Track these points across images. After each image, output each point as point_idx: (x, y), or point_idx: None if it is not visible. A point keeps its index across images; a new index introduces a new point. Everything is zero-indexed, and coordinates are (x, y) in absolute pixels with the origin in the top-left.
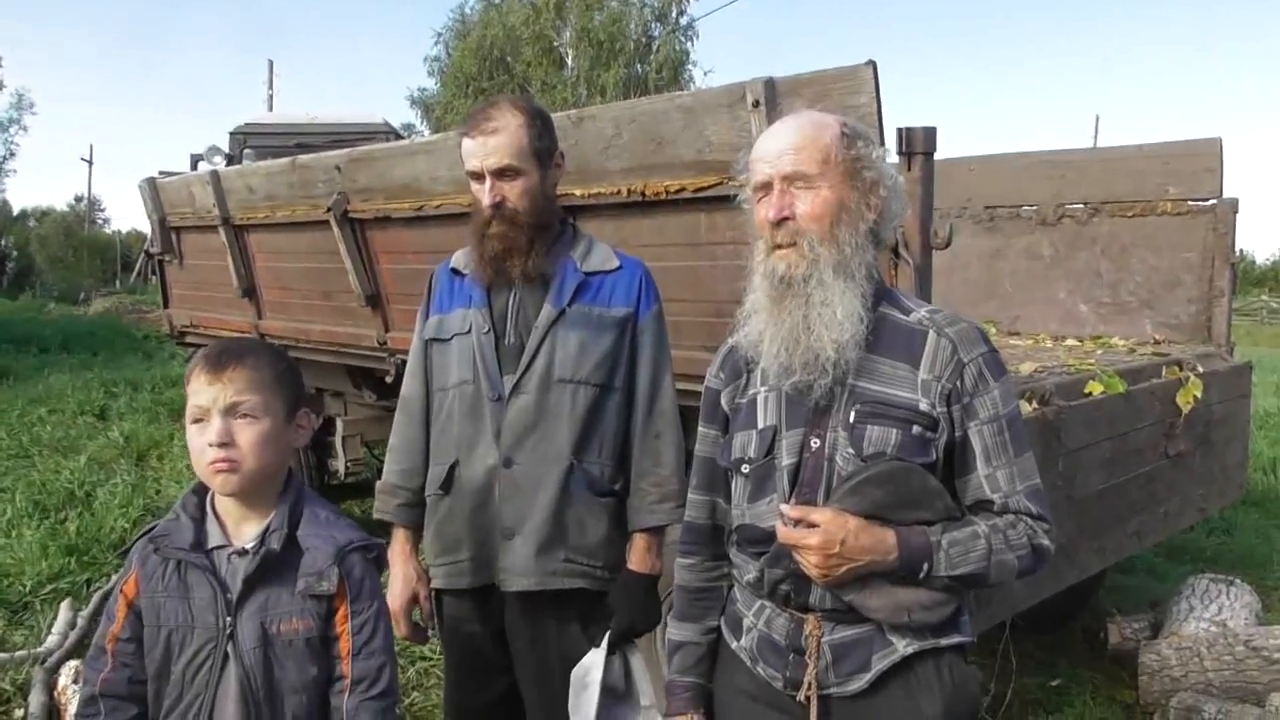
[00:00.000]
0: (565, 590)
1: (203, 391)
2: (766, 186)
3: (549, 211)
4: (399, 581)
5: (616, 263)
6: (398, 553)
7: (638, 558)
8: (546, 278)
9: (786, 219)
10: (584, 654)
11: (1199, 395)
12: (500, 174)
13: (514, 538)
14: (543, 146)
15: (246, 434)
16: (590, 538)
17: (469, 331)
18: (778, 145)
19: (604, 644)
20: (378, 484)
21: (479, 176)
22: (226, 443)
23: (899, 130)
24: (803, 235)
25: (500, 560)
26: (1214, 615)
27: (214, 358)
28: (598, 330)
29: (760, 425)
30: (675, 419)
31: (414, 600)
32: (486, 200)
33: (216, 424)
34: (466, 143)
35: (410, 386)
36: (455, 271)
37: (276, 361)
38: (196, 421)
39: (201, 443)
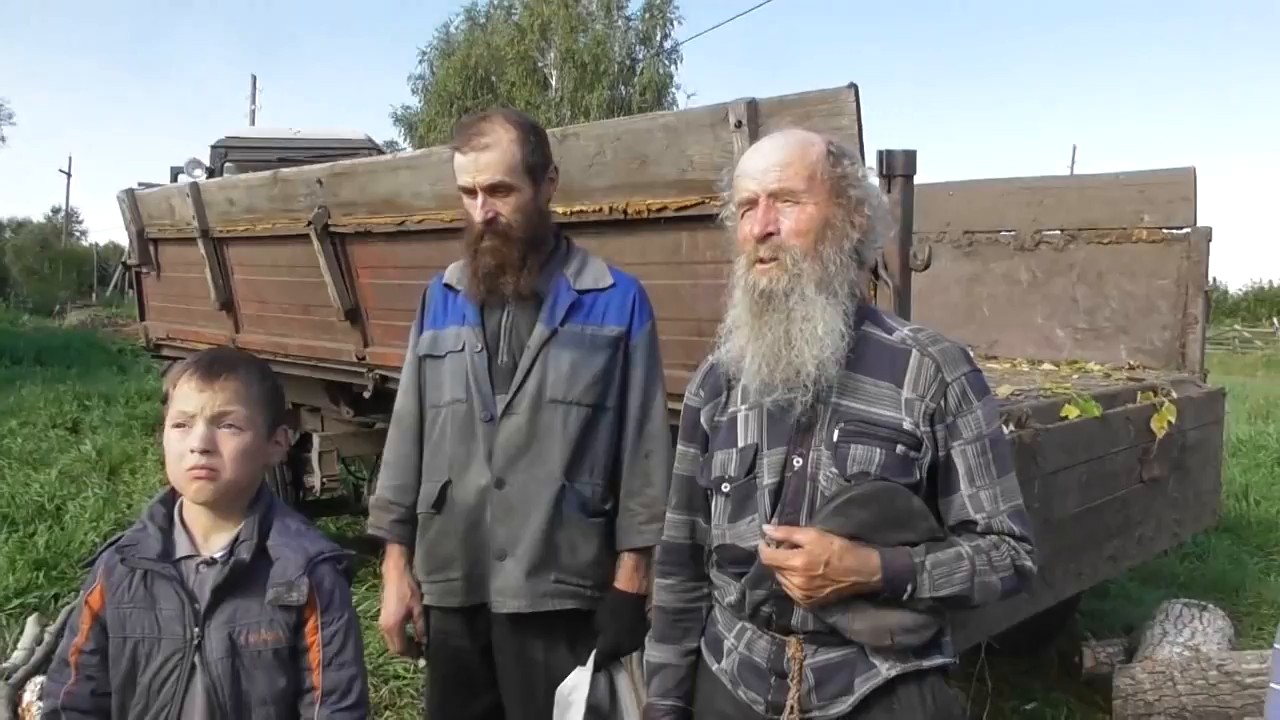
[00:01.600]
0: (555, 610)
1: (191, 397)
2: (752, 202)
3: (542, 227)
4: (393, 599)
5: (610, 280)
6: (392, 568)
7: (625, 577)
8: (540, 295)
9: (771, 234)
10: (570, 672)
11: (1173, 420)
12: (493, 190)
13: (506, 559)
14: (536, 162)
15: (229, 445)
16: (581, 558)
17: (462, 350)
18: (764, 161)
19: (590, 663)
20: (371, 499)
21: (471, 192)
22: (209, 450)
23: (879, 153)
24: (786, 250)
25: (492, 581)
26: (1187, 640)
27: (206, 365)
28: (590, 350)
29: (741, 444)
30: (666, 438)
31: (408, 616)
32: (479, 216)
33: (201, 430)
34: (459, 158)
35: (404, 402)
36: (449, 287)
37: (264, 377)
38: (179, 426)
39: (182, 448)
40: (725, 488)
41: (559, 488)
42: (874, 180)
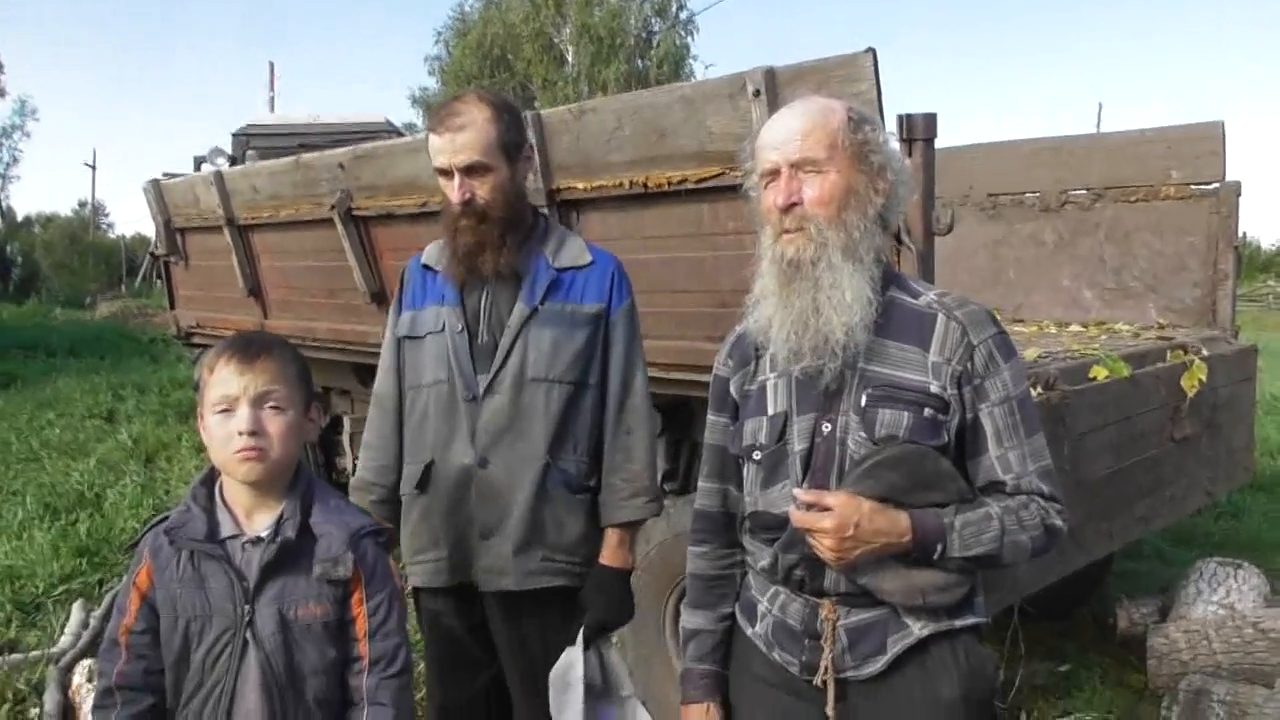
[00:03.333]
0: (545, 588)
1: (232, 380)
2: (774, 173)
3: (520, 206)
4: None
5: (589, 258)
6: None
7: (610, 553)
8: (519, 274)
9: (795, 204)
10: (565, 649)
11: (1204, 379)
12: (469, 171)
13: (491, 537)
14: (511, 140)
15: (275, 423)
16: (568, 536)
17: (443, 330)
18: (784, 131)
19: (579, 641)
20: (351, 480)
21: (447, 173)
22: (257, 431)
23: (899, 117)
24: (810, 220)
25: (479, 560)
26: (1222, 599)
27: (243, 348)
28: (571, 327)
29: (771, 411)
30: (648, 414)
31: None
32: (455, 197)
33: (246, 413)
34: (434, 139)
35: (383, 383)
36: (427, 268)
37: (296, 357)
38: (222, 411)
39: (228, 430)
40: (757, 455)
41: (543, 465)
42: (895, 145)
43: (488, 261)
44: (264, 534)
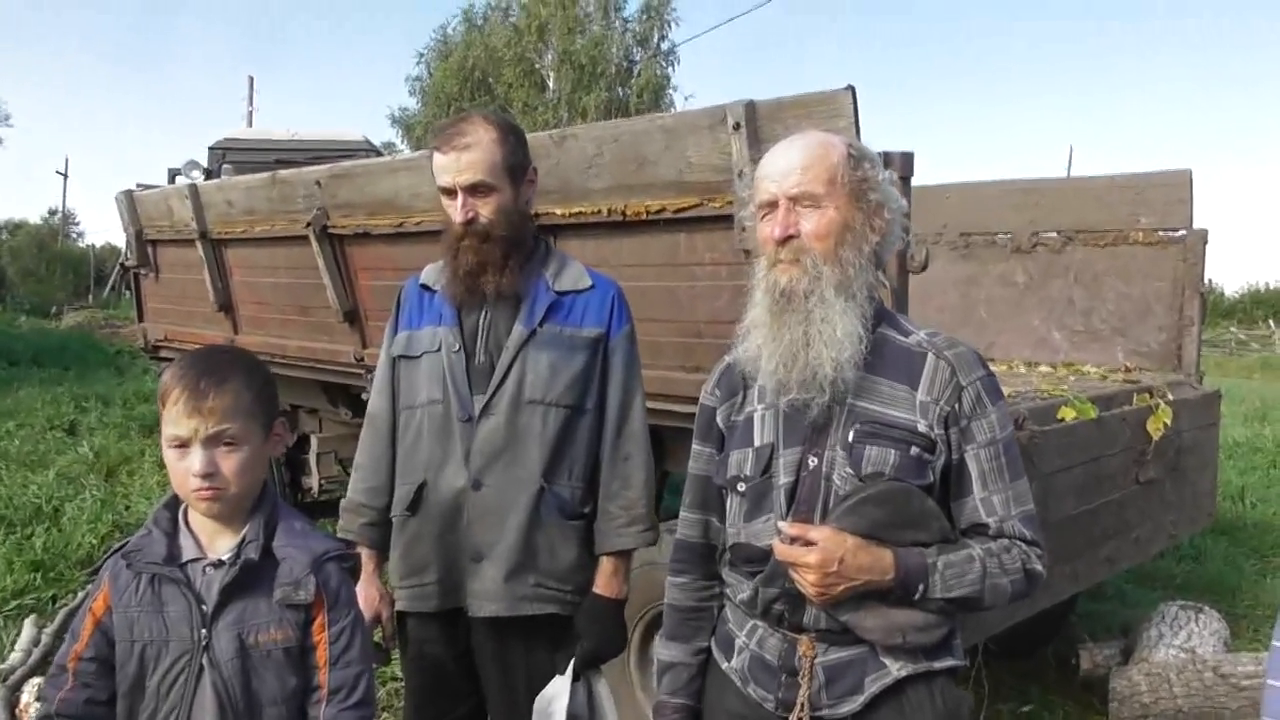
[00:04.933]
0: (534, 615)
1: (182, 423)
2: (772, 205)
3: (522, 228)
4: (360, 601)
5: (589, 282)
6: (360, 572)
7: (604, 581)
8: (518, 296)
9: (791, 237)
10: (550, 679)
11: (1169, 422)
12: (473, 190)
13: (483, 561)
14: (516, 163)
15: (230, 461)
16: (560, 562)
17: (439, 350)
18: (785, 164)
19: (569, 671)
20: (342, 501)
21: (451, 192)
22: (211, 473)
23: (877, 154)
24: (806, 253)
25: (469, 584)
26: (1184, 642)
27: (193, 384)
28: (569, 351)
29: (757, 443)
30: (645, 441)
31: (376, 620)
32: (459, 217)
33: (199, 455)
34: (438, 158)
35: (377, 403)
36: (425, 288)
37: (253, 379)
38: (177, 447)
39: (183, 469)
40: (741, 487)
41: (538, 489)
42: (893, 183)
43: (489, 282)
44: (225, 557)
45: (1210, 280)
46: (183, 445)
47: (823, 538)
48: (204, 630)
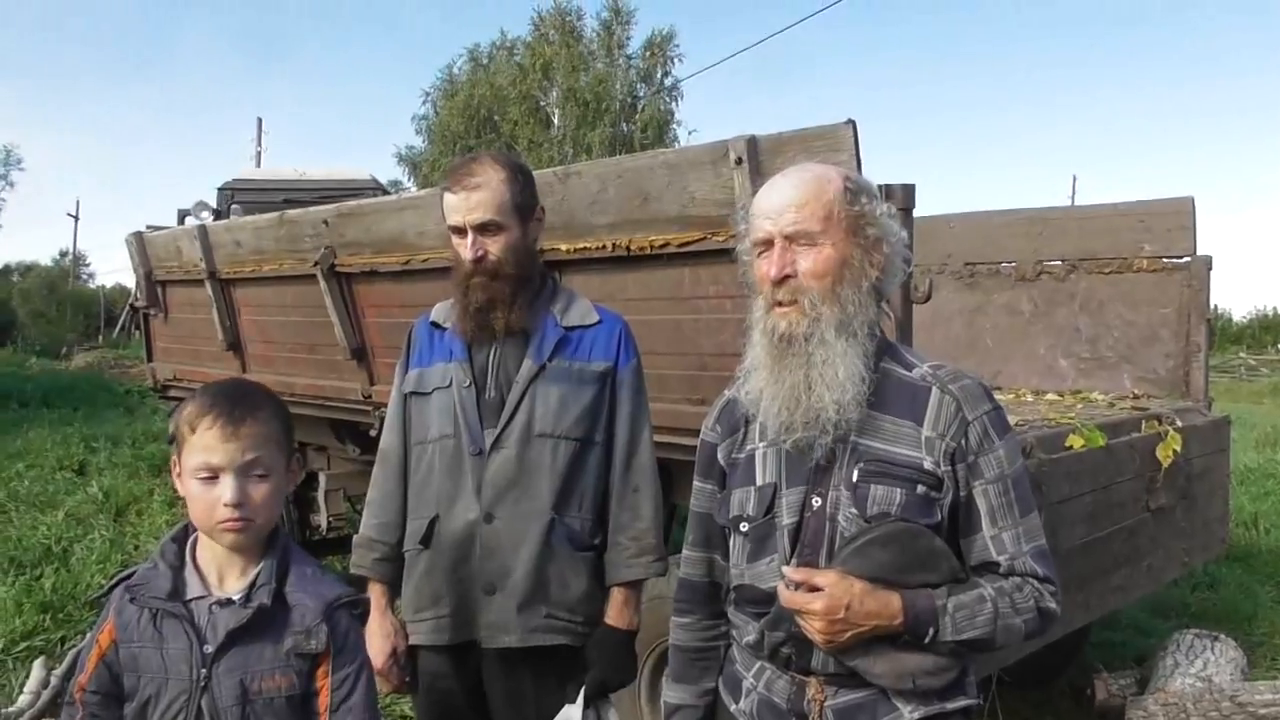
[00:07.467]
0: (545, 646)
1: (216, 449)
2: (767, 243)
3: (531, 265)
4: (378, 637)
5: (596, 317)
6: (374, 608)
7: (615, 612)
8: (527, 332)
9: (788, 277)
10: (559, 710)
11: (1178, 449)
12: (482, 229)
13: (495, 594)
14: (524, 202)
15: (260, 491)
16: (571, 593)
17: (449, 386)
18: (780, 201)
19: (579, 700)
20: (355, 538)
21: (461, 231)
22: (242, 503)
23: (879, 187)
24: (804, 293)
25: (482, 617)
26: (1200, 671)
27: (228, 410)
28: (578, 385)
29: (759, 482)
30: (654, 472)
31: (392, 656)
32: (468, 255)
33: (231, 484)
34: (449, 197)
35: (389, 440)
36: (435, 325)
37: (280, 411)
38: (206, 478)
39: (211, 498)
40: (744, 527)
41: (548, 521)
42: (892, 215)
43: (499, 318)
44: (235, 597)
45: (1217, 306)
46: (212, 475)
47: (829, 583)
48: (203, 670)
